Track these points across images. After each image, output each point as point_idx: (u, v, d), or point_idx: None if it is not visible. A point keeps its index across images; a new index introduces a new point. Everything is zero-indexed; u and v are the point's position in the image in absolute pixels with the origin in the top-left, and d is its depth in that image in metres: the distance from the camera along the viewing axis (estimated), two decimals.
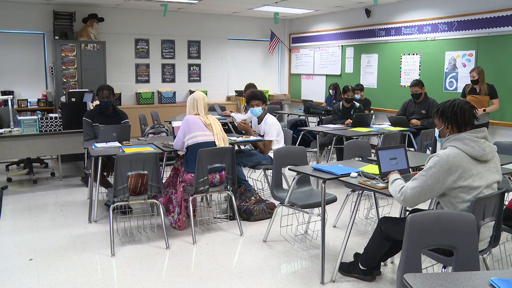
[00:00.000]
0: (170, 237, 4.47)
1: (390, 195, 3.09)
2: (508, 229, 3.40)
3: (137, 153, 4.31)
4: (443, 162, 2.81)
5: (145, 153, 4.29)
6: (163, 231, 4.33)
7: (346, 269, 3.71)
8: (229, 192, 4.71)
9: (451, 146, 2.90)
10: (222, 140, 4.66)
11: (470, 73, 6.87)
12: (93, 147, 4.91)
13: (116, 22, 10.04)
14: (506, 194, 3.93)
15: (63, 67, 9.03)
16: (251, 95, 5.60)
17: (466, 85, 7.05)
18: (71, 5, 9.32)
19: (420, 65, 8.57)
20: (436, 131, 3.14)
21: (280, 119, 9.26)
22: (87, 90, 7.57)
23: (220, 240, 4.49)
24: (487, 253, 3.13)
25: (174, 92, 10.67)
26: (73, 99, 7.10)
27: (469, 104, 3.01)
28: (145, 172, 4.21)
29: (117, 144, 5.08)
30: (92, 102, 6.77)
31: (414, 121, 7.03)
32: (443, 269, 2.89)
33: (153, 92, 10.49)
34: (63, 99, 7.94)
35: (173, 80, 10.94)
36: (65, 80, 9.05)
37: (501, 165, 4.17)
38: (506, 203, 3.46)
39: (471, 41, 7.66)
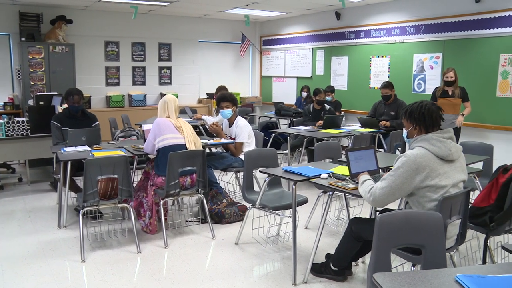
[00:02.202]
0: (142, 241, 4.43)
1: (360, 196, 3.13)
2: (473, 227, 3.47)
3: (107, 157, 4.26)
4: (410, 162, 2.86)
5: (115, 157, 4.24)
6: (134, 235, 4.29)
7: (318, 269, 3.73)
8: (200, 195, 4.69)
9: (418, 147, 2.96)
10: (193, 143, 4.65)
11: (445, 74, 6.64)
12: (62, 151, 4.83)
13: (85, 24, 9.90)
14: (471, 192, 4.03)
15: (31, 70, 8.86)
16: (221, 97, 5.61)
17: (437, 88, 6.86)
18: (38, 6, 9.16)
19: (389, 67, 8.71)
20: (404, 132, 3.20)
21: (251, 121, 9.29)
22: (56, 93, 7.44)
23: (192, 244, 4.47)
24: (454, 251, 3.20)
25: (145, 95, 10.58)
26: (41, 103, 6.97)
27: (435, 106, 3.08)
28: (115, 176, 4.16)
29: (86, 148, 5.01)
30: (61, 105, 6.66)
31: (383, 122, 7.13)
32: (412, 268, 2.93)
33: (124, 95, 10.38)
34: (30, 102, 7.79)
35: (143, 83, 10.85)
36: (32, 83, 8.88)
37: (467, 164, 4.28)
38: (472, 201, 3.54)
39: (438, 44, 7.82)
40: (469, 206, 3.34)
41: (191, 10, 10.09)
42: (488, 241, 3.45)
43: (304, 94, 9.59)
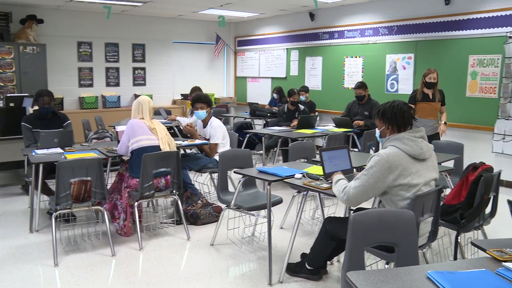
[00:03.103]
0: (116, 244, 4.38)
1: (334, 195, 3.16)
2: (445, 224, 3.54)
3: (79, 159, 4.21)
4: (383, 161, 2.90)
5: (88, 159, 4.19)
6: (108, 238, 4.24)
7: (293, 269, 3.75)
8: (175, 197, 4.67)
9: (391, 146, 3.00)
10: (167, 144, 4.62)
11: (427, 75, 6.13)
12: (33, 153, 4.75)
13: (57, 24, 9.75)
14: (443, 190, 4.10)
15: (0, 71, 8.68)
16: (195, 98, 5.59)
17: (415, 90, 6.33)
18: (7, 4, 8.96)
19: (363, 68, 8.81)
20: (377, 131, 3.24)
21: (226, 122, 9.27)
22: (27, 94, 7.31)
23: (167, 245, 4.44)
24: (427, 248, 3.25)
25: (119, 96, 10.48)
26: (11, 104, 6.83)
27: (407, 105, 3.13)
28: (89, 178, 4.12)
29: (59, 150, 4.94)
30: (32, 107, 6.55)
31: (357, 122, 7.20)
32: (386, 265, 2.97)
33: (97, 97, 10.25)
34: (0, 104, 7.64)
35: (117, 84, 10.74)
36: (2, 84, 8.70)
37: (438, 163, 4.36)
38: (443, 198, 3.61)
39: (410, 44, 7.94)
40: (441, 204, 3.41)
41: (165, 10, 10.03)
42: (459, 237, 3.52)
43: (276, 95, 9.64)
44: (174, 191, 4.65)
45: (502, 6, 6.68)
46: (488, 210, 3.69)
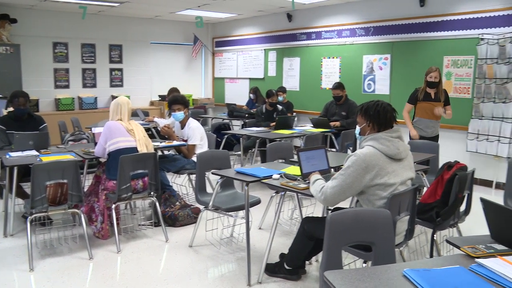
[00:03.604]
0: (94, 247, 4.34)
1: (312, 195, 3.18)
2: (421, 222, 3.58)
3: (55, 161, 4.16)
4: (360, 161, 2.93)
5: (64, 161, 4.14)
6: (85, 241, 4.19)
7: (272, 269, 3.76)
8: (153, 198, 4.64)
9: (368, 146, 3.03)
10: (144, 145, 4.60)
11: (428, 73, 5.86)
12: (7, 156, 4.67)
13: (32, 24, 9.60)
14: (420, 189, 4.16)
15: None
16: (173, 100, 5.57)
17: (417, 89, 6.06)
18: None
19: (340, 68, 8.87)
20: (357, 128, 3.25)
21: (204, 123, 9.26)
22: (1, 96, 7.19)
23: (145, 248, 4.41)
24: (404, 246, 3.29)
25: (96, 98, 10.37)
26: None
27: (391, 107, 3.16)
28: (65, 181, 4.06)
29: (34, 152, 4.86)
30: (6, 108, 6.43)
31: (335, 122, 7.25)
32: (363, 264, 2.99)
33: (74, 98, 10.13)
34: None
35: (94, 85, 10.63)
36: None
37: (415, 162, 4.41)
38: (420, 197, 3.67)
39: (387, 45, 8.04)
40: (417, 203, 3.45)
41: (142, 11, 9.97)
42: (435, 235, 3.56)
43: (252, 96, 9.66)
44: (152, 192, 4.62)
45: (474, 8, 6.81)
46: (462, 208, 3.76)
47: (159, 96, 11.28)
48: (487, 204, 2.29)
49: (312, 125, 7.40)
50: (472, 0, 6.85)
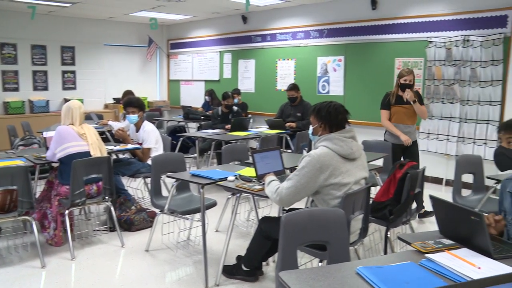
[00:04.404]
0: (46, 254, 4.20)
1: (267, 196, 3.20)
2: (375, 220, 3.66)
3: (4, 167, 4.01)
4: (314, 162, 2.96)
5: (12, 167, 4.01)
6: (37, 249, 4.04)
7: (230, 271, 3.75)
8: (107, 203, 4.56)
9: (321, 146, 3.07)
10: (98, 149, 4.51)
11: (402, 76, 5.33)
12: None
13: None
14: (373, 188, 4.25)
15: None
16: (127, 103, 5.50)
17: (388, 93, 5.56)
18: None
19: (295, 70, 8.96)
20: (310, 128, 3.30)
21: (159, 126, 9.17)
22: None
23: (100, 253, 4.32)
24: (358, 244, 3.35)
25: (48, 101, 10.09)
26: None
27: (344, 108, 3.20)
28: (14, 187, 3.94)
29: None
30: None
31: (290, 123, 7.31)
32: (319, 263, 3.03)
33: (24, 101, 9.82)
34: None
35: (45, 88, 10.34)
36: None
37: (368, 161, 4.50)
38: (373, 196, 3.74)
39: (340, 47, 8.17)
40: (371, 201, 3.53)
41: (95, 12, 9.77)
42: (388, 233, 3.64)
43: (207, 98, 9.64)
44: (106, 197, 4.53)
45: (423, 12, 7.03)
46: (414, 205, 3.86)
47: (114, 99, 11.08)
48: (435, 201, 2.36)
49: (267, 127, 7.44)
50: (421, 5, 7.07)
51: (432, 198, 2.37)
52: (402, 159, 5.31)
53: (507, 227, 2.40)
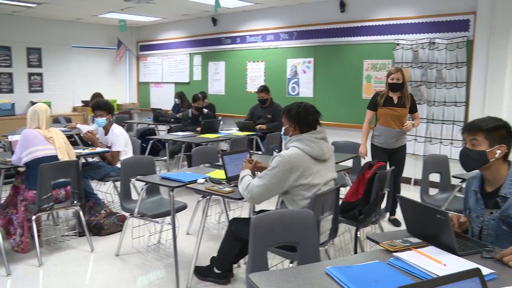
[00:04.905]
0: (12, 262, 4.09)
1: (237, 199, 3.21)
2: (345, 221, 3.70)
3: None
4: (285, 162, 2.98)
5: None
6: (2, 256, 3.95)
7: (202, 273, 3.75)
8: (76, 208, 4.49)
9: (292, 147, 3.09)
10: (66, 153, 4.43)
11: (390, 75, 5.03)
12: None
13: None
14: (343, 188, 4.29)
15: None
16: (95, 105, 5.44)
17: (378, 93, 5.22)
18: None
19: (265, 72, 9.00)
20: (283, 128, 3.33)
21: (129, 128, 9.08)
22: None
23: (69, 259, 4.24)
24: (328, 244, 3.38)
25: (13, 104, 9.85)
26: None
27: (314, 109, 3.23)
28: None
29: None
30: None
31: (260, 126, 7.33)
32: (290, 264, 3.05)
33: None
34: None
35: (11, 91, 10.09)
36: None
37: (338, 162, 4.55)
38: (343, 196, 3.78)
39: (310, 49, 8.24)
40: (340, 202, 3.57)
41: (63, 13, 9.60)
42: (358, 232, 3.69)
43: (177, 100, 9.59)
44: (75, 201, 4.46)
45: (391, 15, 7.15)
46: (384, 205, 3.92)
47: (82, 101, 10.89)
48: (402, 201, 2.41)
49: (237, 129, 7.44)
50: (389, 8, 7.18)
51: (399, 197, 2.42)
52: (388, 164, 5.13)
53: (471, 224, 2.46)
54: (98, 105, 5.41)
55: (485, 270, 1.90)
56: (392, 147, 5.10)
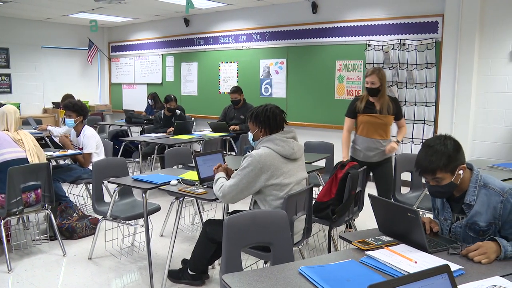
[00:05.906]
0: None
1: (210, 200, 3.21)
2: (318, 220, 3.73)
3: None
4: (256, 162, 3.00)
5: None
6: None
7: (176, 275, 3.73)
8: (47, 211, 4.42)
9: (263, 147, 3.12)
10: (36, 155, 4.36)
11: (367, 77, 4.46)
12: None
13: None
14: (316, 188, 4.32)
15: None
16: (64, 106, 5.37)
17: (358, 97, 4.61)
18: None
19: (237, 73, 9.00)
20: (250, 134, 3.34)
21: (101, 130, 8.98)
22: None
23: (40, 264, 4.17)
24: (302, 244, 3.40)
25: None
26: None
27: (279, 109, 3.26)
28: None
29: None
30: None
31: (233, 126, 7.33)
32: (264, 265, 3.06)
33: None
34: None
35: None
36: None
37: (311, 162, 4.58)
38: (315, 196, 3.81)
39: (282, 50, 8.28)
40: (313, 202, 3.59)
41: (31, 12, 9.42)
42: (332, 232, 3.72)
43: (150, 102, 9.52)
44: (46, 205, 4.39)
45: (362, 17, 7.24)
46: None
47: (53, 103, 10.70)
48: (374, 200, 2.44)
49: (210, 130, 7.43)
50: (360, 9, 7.27)
51: (370, 197, 2.45)
52: (372, 177, 4.66)
53: (440, 224, 2.51)
54: (66, 105, 5.34)
55: (454, 266, 1.95)
56: (373, 161, 4.48)
